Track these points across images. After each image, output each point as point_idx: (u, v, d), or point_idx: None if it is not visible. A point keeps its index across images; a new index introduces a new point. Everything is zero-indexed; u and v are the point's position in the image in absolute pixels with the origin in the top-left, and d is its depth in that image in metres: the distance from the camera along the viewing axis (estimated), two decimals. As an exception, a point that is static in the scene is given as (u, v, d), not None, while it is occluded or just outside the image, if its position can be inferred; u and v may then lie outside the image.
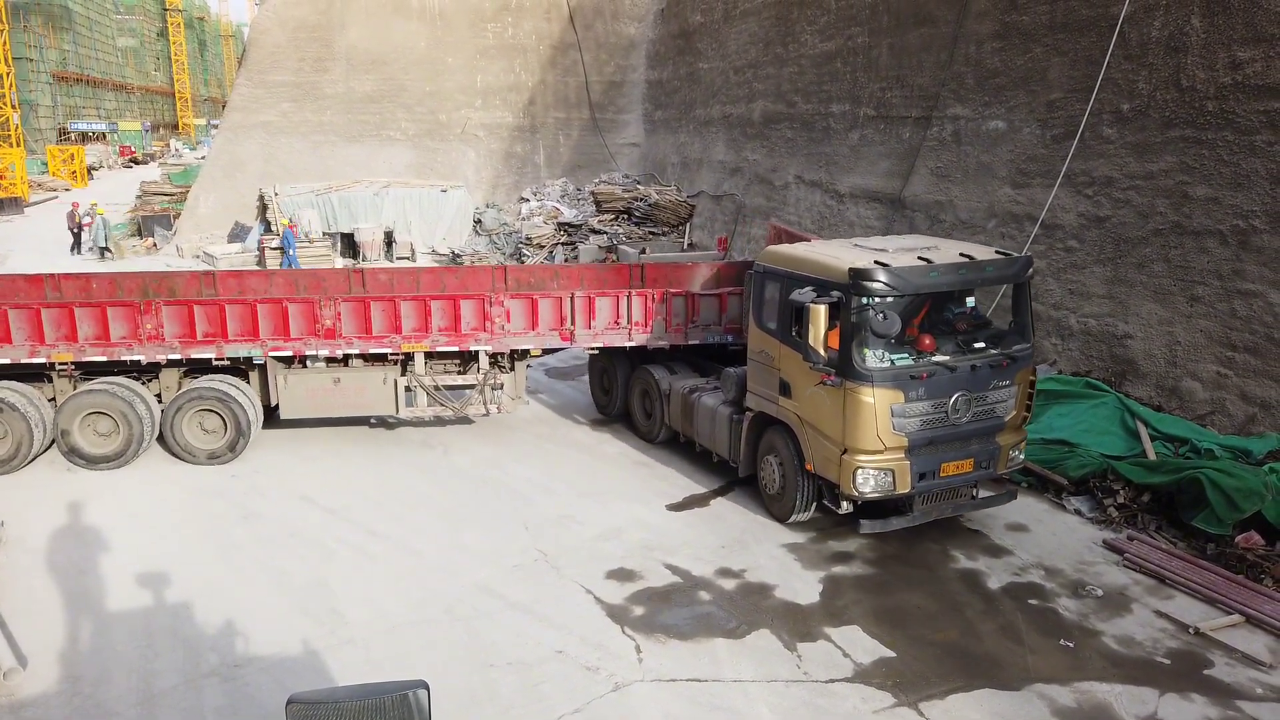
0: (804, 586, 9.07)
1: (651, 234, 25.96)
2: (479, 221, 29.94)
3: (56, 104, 73.12)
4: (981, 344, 9.55)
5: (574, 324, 12.48)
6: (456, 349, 12.44)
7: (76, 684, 7.51)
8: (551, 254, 26.70)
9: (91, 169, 59.34)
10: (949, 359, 9.29)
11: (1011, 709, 7.20)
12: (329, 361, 12.44)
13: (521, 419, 13.85)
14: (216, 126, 49.21)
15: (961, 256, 9.49)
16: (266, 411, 12.61)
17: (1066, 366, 13.81)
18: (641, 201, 26.82)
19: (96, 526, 10.40)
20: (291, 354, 12.22)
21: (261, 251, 26.33)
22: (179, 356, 12.00)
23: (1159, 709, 7.19)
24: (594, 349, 13.37)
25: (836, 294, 9.16)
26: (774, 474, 10.34)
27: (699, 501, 11.11)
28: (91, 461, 11.92)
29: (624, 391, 13.49)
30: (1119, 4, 13.61)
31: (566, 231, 27.61)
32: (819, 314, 9.11)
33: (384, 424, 13.74)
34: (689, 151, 30.42)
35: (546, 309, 12.42)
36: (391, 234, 28.44)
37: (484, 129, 33.87)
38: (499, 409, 12.77)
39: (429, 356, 12.60)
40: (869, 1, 20.34)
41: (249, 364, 12.36)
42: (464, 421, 13.64)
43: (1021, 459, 10.15)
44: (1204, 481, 9.64)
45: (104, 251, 28.87)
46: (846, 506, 9.62)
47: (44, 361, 11.87)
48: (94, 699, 7.33)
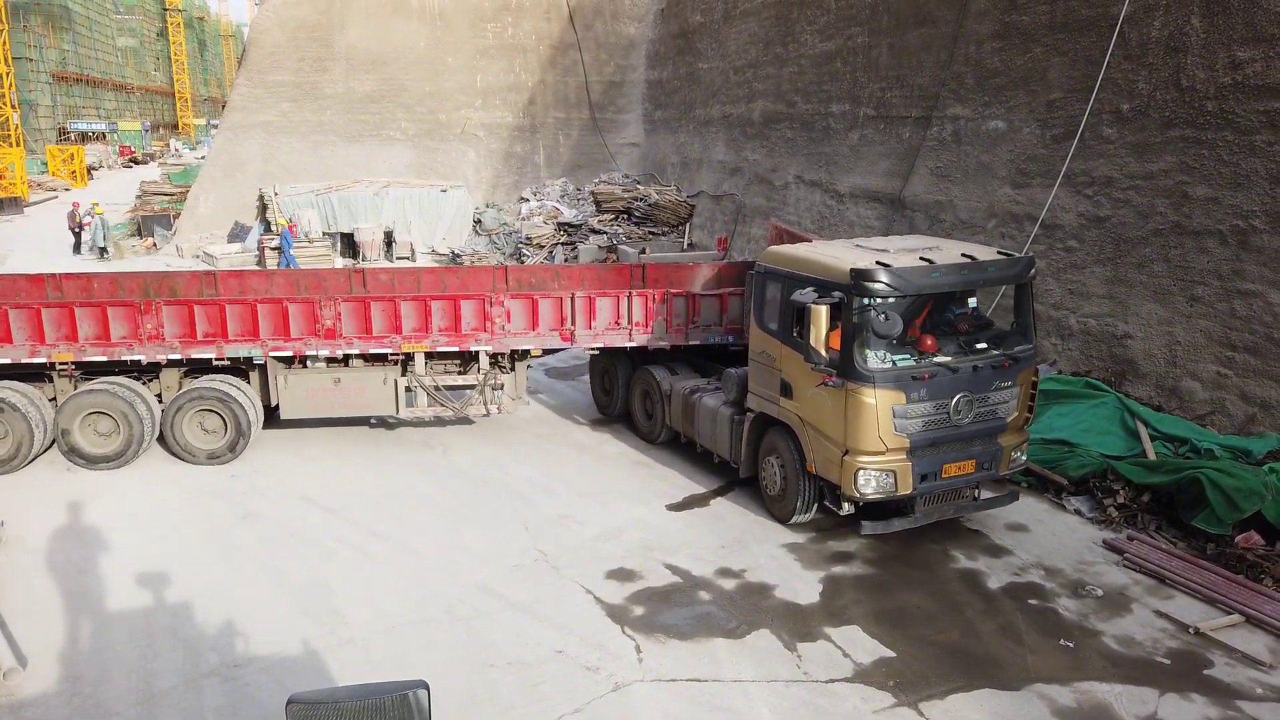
0: (804, 586, 9.07)
1: (651, 234, 25.96)
2: (479, 221, 29.94)
3: (56, 104, 73.13)
4: (983, 345, 9.53)
5: (574, 324, 12.46)
6: (457, 349, 12.43)
7: (76, 684, 7.51)
8: (551, 254, 26.69)
9: (91, 169, 59.33)
10: (951, 360, 9.27)
11: (1011, 709, 7.20)
12: (329, 362, 12.44)
13: (521, 419, 13.85)
14: (216, 126, 49.20)
15: (963, 257, 9.48)
16: (267, 411, 12.61)
17: (1066, 366, 13.81)
18: (641, 201, 26.82)
19: (96, 526, 10.40)
20: (292, 354, 12.22)
21: (261, 251, 26.35)
22: (179, 356, 12.00)
23: (1159, 709, 7.19)
24: (595, 349, 13.38)
25: (838, 294, 9.14)
26: (775, 475, 10.33)
27: (699, 501, 11.12)
28: (91, 461, 11.92)
29: (625, 392, 13.48)
30: (1119, 4, 13.61)
31: (566, 231, 27.61)
32: (820, 314, 9.10)
33: (384, 424, 13.74)
34: (689, 151, 30.42)
35: (547, 309, 12.41)
36: (391, 234, 28.43)
37: (484, 129, 33.87)
38: (499, 409, 12.77)
39: (429, 357, 12.59)
40: (869, 1, 20.34)
41: (249, 364, 12.35)
42: (464, 422, 13.64)
43: (1024, 460, 10.14)
44: (1204, 481, 9.64)
45: (103, 251, 28.87)
46: (848, 508, 9.61)
47: (44, 361, 11.87)
48: (94, 699, 7.33)
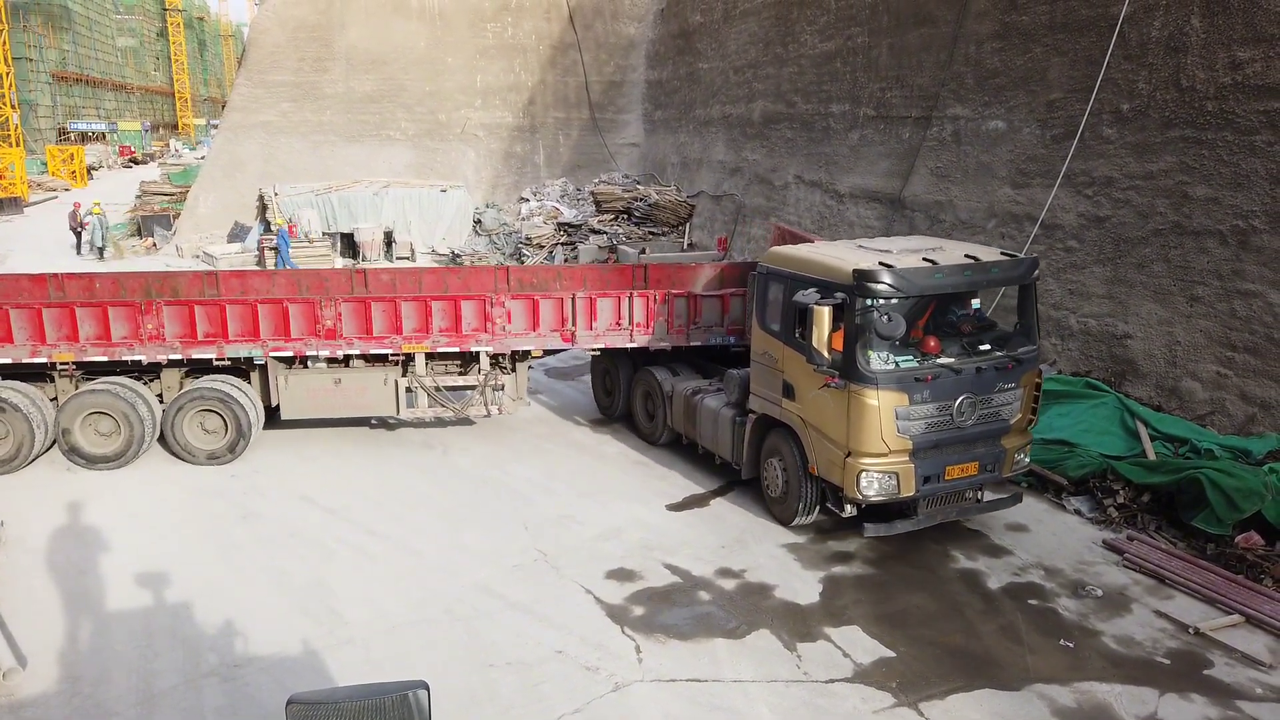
0: (804, 586, 9.07)
1: (651, 234, 25.95)
2: (479, 221, 29.94)
3: (56, 104, 73.12)
4: (987, 346, 9.50)
5: (575, 325, 12.45)
6: (457, 350, 12.43)
7: (76, 684, 7.51)
8: (551, 254, 26.69)
9: (91, 169, 59.33)
10: (954, 361, 9.24)
11: (1011, 709, 7.20)
12: (330, 362, 12.44)
13: (521, 419, 13.85)
14: (216, 126, 49.20)
15: (967, 258, 9.44)
16: (267, 412, 12.60)
17: (1066, 366, 13.81)
18: (641, 201, 26.82)
19: (96, 526, 10.40)
20: (292, 354, 12.22)
21: (261, 251, 26.35)
22: (180, 357, 12.00)
23: (1159, 709, 7.19)
24: (596, 350, 13.37)
25: (840, 295, 9.10)
26: (777, 477, 10.29)
27: (699, 501, 11.12)
28: (91, 461, 11.92)
29: (626, 393, 13.46)
30: (1119, 4, 13.61)
31: (566, 231, 27.61)
32: (823, 315, 9.07)
33: (384, 424, 13.74)
34: (689, 151, 30.42)
35: (548, 310, 12.40)
36: (391, 234, 28.42)
37: (484, 129, 33.87)
38: (500, 410, 12.76)
39: (430, 357, 12.58)
40: (869, 1, 20.34)
41: (250, 364, 12.35)
42: (464, 422, 13.64)
43: (1027, 462, 10.09)
44: (1204, 481, 9.64)
45: (101, 251, 28.85)
46: (850, 510, 9.58)
47: (45, 361, 11.87)
48: (94, 699, 7.33)
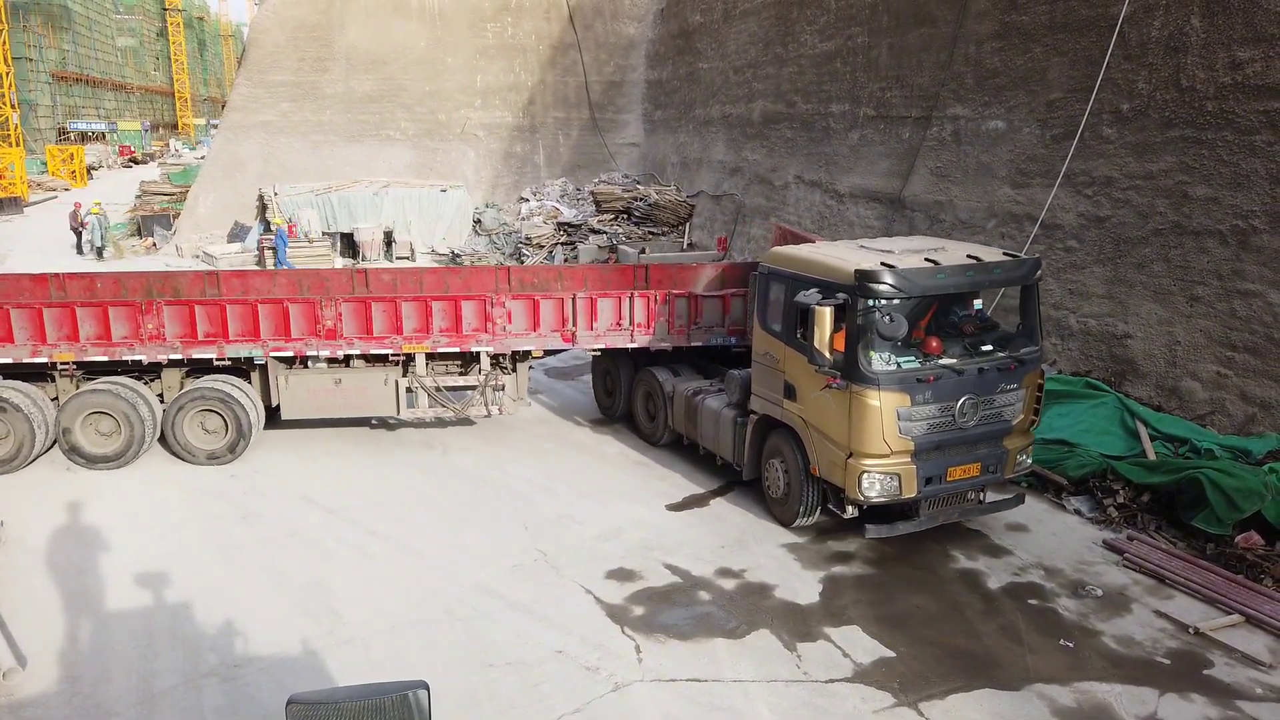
0: (804, 586, 9.07)
1: (651, 234, 25.95)
2: (479, 221, 29.94)
3: (56, 104, 73.12)
4: (989, 347, 9.47)
5: (576, 325, 12.44)
6: (458, 350, 12.43)
7: (76, 684, 7.51)
8: (551, 254, 26.69)
9: (91, 169, 59.33)
10: (956, 362, 9.21)
11: (1011, 709, 7.20)
12: (330, 362, 12.44)
13: (522, 419, 13.85)
14: (216, 126, 49.19)
15: (969, 258, 9.41)
16: (268, 412, 12.59)
17: (1066, 366, 13.81)
18: (641, 201, 26.82)
19: (96, 526, 10.40)
20: (293, 354, 12.22)
21: (261, 251, 26.35)
22: (180, 357, 11.99)
23: (1159, 709, 7.19)
24: (596, 350, 13.37)
25: (842, 296, 9.08)
26: (778, 478, 10.26)
27: (699, 501, 11.12)
28: (92, 461, 11.92)
29: (627, 393, 13.45)
30: (1119, 4, 13.61)
31: (566, 231, 27.61)
32: (824, 316, 9.05)
33: (384, 424, 13.74)
34: (689, 151, 30.42)
35: (548, 310, 12.40)
36: (391, 234, 28.42)
37: (484, 129, 33.87)
38: (500, 410, 12.75)
39: (430, 357, 12.58)
40: (869, 1, 20.34)
41: (250, 364, 12.35)
42: (465, 422, 13.64)
43: (1029, 463, 10.07)
44: (1204, 481, 9.64)
45: (100, 251, 28.83)
46: (852, 511, 9.55)
47: (46, 361, 11.87)
48: (93, 699, 7.33)
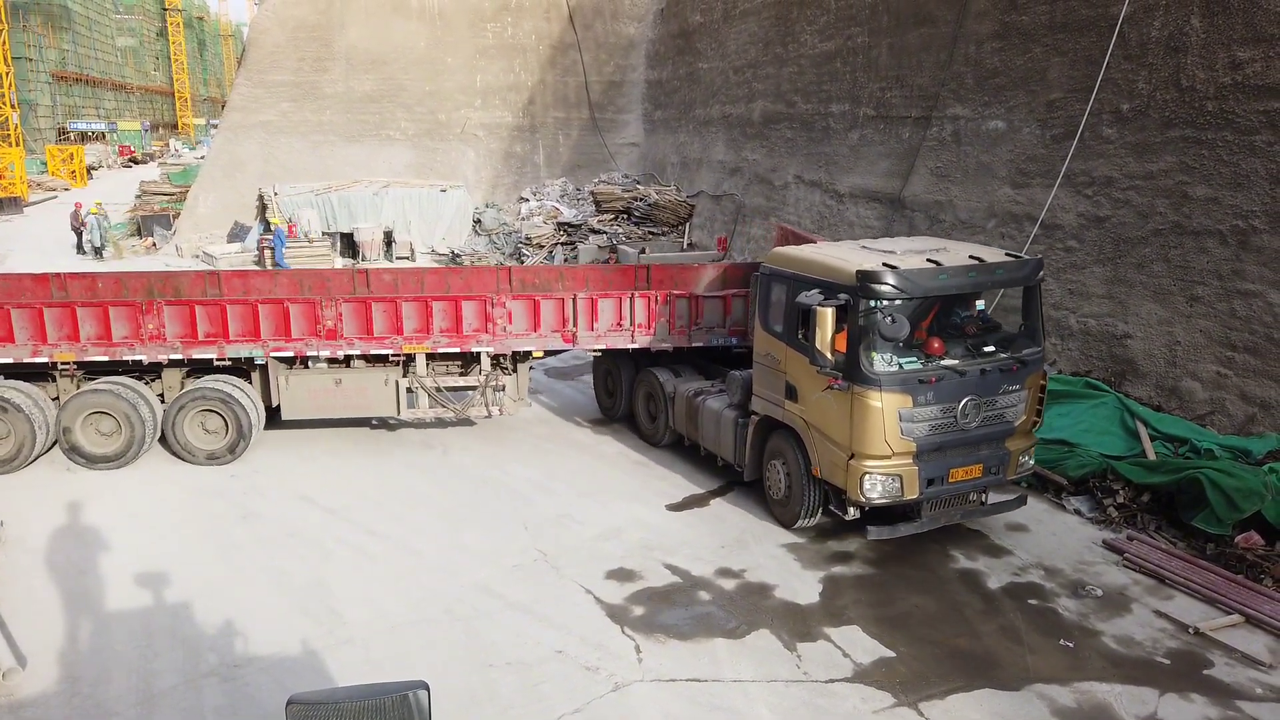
0: (804, 586, 9.07)
1: (651, 234, 25.95)
2: (478, 221, 29.95)
3: (56, 104, 73.12)
4: (991, 348, 9.44)
5: (577, 326, 12.43)
6: (458, 350, 12.42)
7: (76, 684, 7.51)
8: (551, 254, 26.69)
9: (91, 169, 59.33)
10: (958, 363, 9.19)
11: (1011, 709, 7.20)
12: (330, 362, 12.43)
13: (522, 419, 13.85)
14: (216, 126, 49.18)
15: (971, 259, 9.39)
16: (268, 412, 12.58)
17: (1066, 366, 13.81)
18: (641, 201, 26.82)
19: (96, 526, 10.40)
20: (293, 354, 12.22)
21: (261, 251, 26.35)
22: (180, 357, 11.99)
23: (1159, 709, 7.19)
24: (597, 351, 13.37)
25: (844, 296, 9.05)
26: (780, 479, 10.24)
27: (699, 501, 11.12)
28: (92, 461, 11.91)
29: (628, 394, 13.43)
30: (1119, 4, 13.61)
31: (566, 231, 27.60)
32: (826, 317, 9.03)
33: (384, 424, 13.74)
34: (688, 151, 30.41)
35: (549, 310, 12.39)
36: (391, 234, 28.42)
37: (483, 129, 33.87)
38: (501, 411, 12.74)
39: (431, 358, 12.57)
40: (869, 1, 20.34)
41: (251, 364, 12.34)
42: (465, 423, 13.63)
43: (1031, 464, 10.05)
44: (1204, 481, 9.64)
45: (98, 251, 28.81)
46: (853, 512, 9.52)
47: (47, 361, 11.86)
48: (93, 699, 7.33)
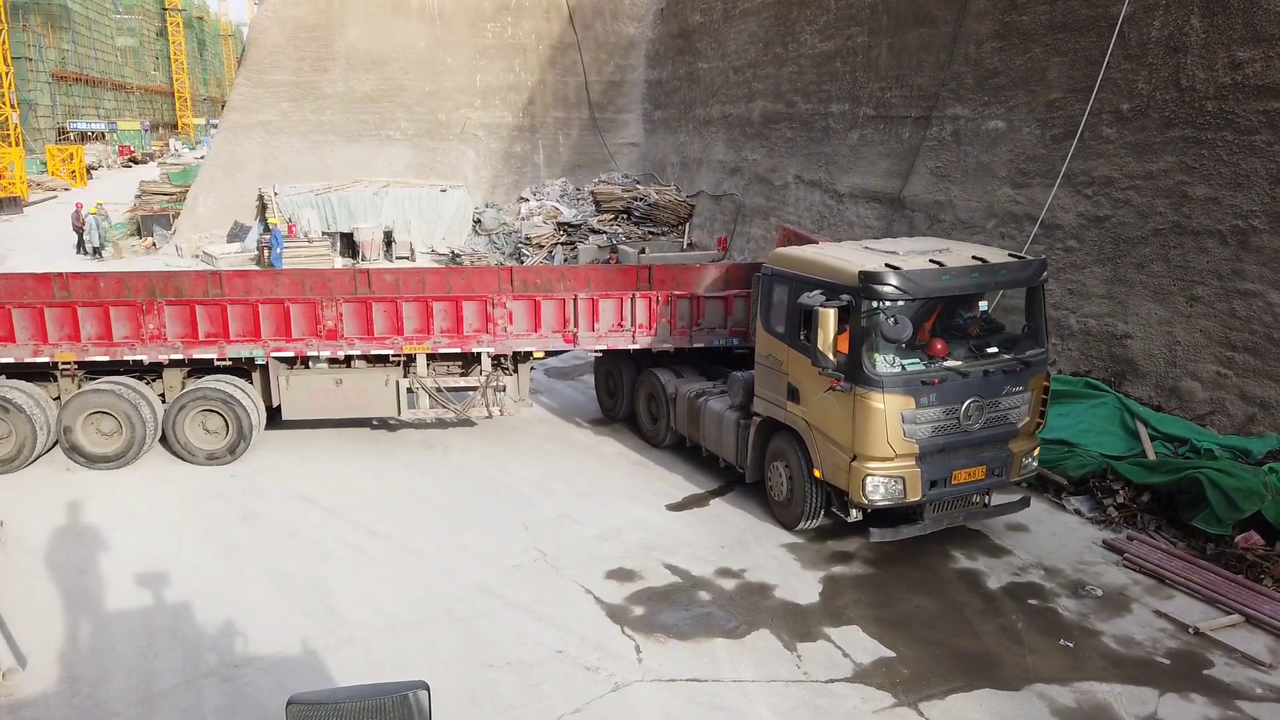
0: (804, 586, 9.07)
1: (651, 234, 25.95)
2: (478, 221, 29.95)
3: (55, 103, 73.11)
4: (994, 349, 9.41)
5: (577, 326, 12.42)
6: (459, 351, 12.42)
7: (76, 684, 7.51)
8: (551, 254, 26.69)
9: (91, 169, 59.33)
10: (961, 364, 9.17)
11: (1011, 709, 7.20)
12: (331, 362, 12.43)
13: (522, 419, 13.84)
14: (216, 126, 49.18)
15: (974, 260, 9.35)
16: (268, 412, 12.57)
17: (1066, 366, 13.81)
18: (641, 201, 26.82)
19: (96, 526, 10.40)
20: (294, 355, 12.21)
21: (261, 251, 26.35)
22: (181, 357, 11.99)
23: (1159, 709, 7.20)
24: (598, 352, 13.35)
25: (846, 297, 9.02)
26: (782, 480, 10.21)
27: (699, 501, 11.12)
28: (92, 461, 11.91)
29: (630, 395, 13.41)
30: (1119, 4, 13.61)
31: (566, 231, 27.61)
32: (828, 318, 8.99)
33: (385, 425, 13.73)
34: (688, 151, 30.41)
35: (550, 311, 12.38)
36: (391, 234, 28.41)
37: (483, 129, 33.87)
38: (501, 411, 12.72)
39: (431, 358, 12.57)
40: (869, 1, 20.34)
41: (251, 364, 12.34)
42: (465, 423, 13.63)
43: (1035, 466, 10.01)
44: (1204, 481, 9.64)
45: (99, 251, 28.79)
46: (856, 514, 9.51)
47: (48, 361, 11.86)
48: (93, 699, 7.33)
